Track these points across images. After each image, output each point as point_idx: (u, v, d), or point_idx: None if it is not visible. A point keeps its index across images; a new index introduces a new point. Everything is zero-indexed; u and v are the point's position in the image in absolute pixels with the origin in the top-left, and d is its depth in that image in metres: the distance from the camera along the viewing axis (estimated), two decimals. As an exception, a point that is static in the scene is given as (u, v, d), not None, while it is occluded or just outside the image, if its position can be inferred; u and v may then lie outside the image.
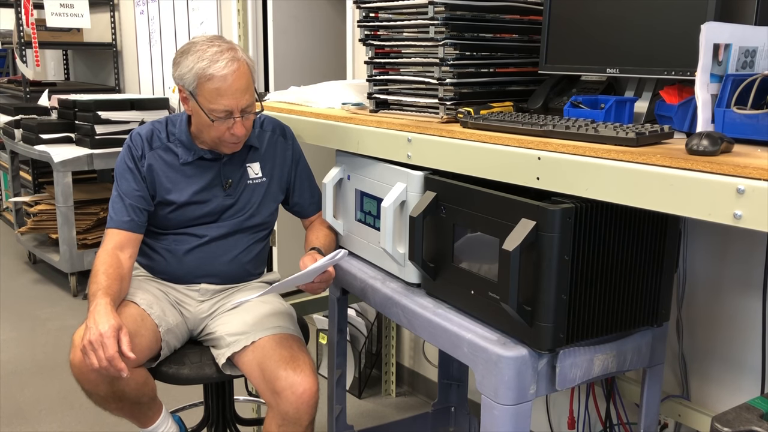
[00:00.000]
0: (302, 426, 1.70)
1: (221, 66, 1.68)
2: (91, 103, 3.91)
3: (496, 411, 1.35)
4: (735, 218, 1.02)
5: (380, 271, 1.80)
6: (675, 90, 1.42)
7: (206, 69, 1.68)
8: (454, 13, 1.61)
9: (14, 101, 5.17)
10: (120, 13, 5.03)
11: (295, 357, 1.73)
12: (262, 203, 1.93)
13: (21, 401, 2.77)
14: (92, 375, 1.59)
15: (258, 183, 1.92)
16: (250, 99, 1.74)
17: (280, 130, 1.98)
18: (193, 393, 2.19)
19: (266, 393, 1.72)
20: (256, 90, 1.81)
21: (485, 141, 1.41)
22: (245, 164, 1.90)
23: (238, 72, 1.70)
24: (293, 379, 1.68)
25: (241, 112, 1.73)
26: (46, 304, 3.87)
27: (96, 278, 1.71)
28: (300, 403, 1.67)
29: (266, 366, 1.72)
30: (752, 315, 1.64)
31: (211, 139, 1.79)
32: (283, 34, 3.55)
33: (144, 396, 1.72)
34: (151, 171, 1.84)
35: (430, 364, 2.73)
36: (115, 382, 1.61)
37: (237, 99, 1.70)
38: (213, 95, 1.69)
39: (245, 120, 1.75)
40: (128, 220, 1.80)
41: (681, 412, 1.75)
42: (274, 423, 1.71)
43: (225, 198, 1.87)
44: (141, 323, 1.72)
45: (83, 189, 4.12)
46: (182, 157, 1.84)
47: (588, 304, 1.36)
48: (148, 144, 1.85)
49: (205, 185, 1.85)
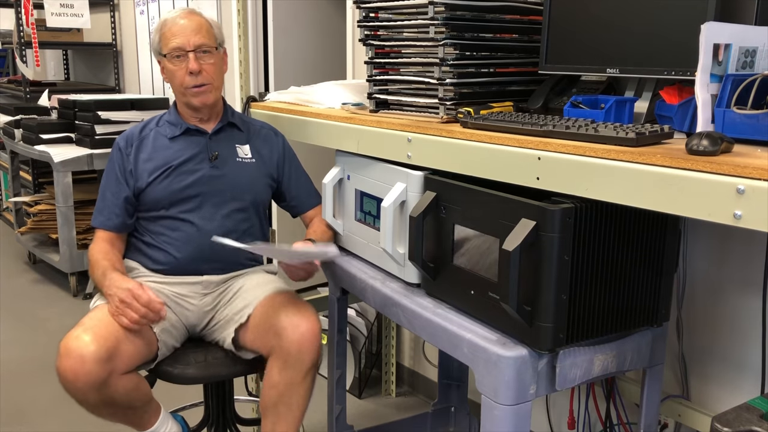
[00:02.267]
0: (304, 369, 1.72)
1: (174, 14, 1.89)
2: (91, 103, 3.91)
3: (496, 411, 1.35)
4: (735, 218, 1.02)
5: (380, 271, 1.80)
6: (675, 90, 1.42)
7: (163, 20, 1.89)
8: (454, 13, 1.61)
9: (14, 101, 5.17)
10: (120, 13, 5.03)
11: (295, 302, 1.79)
12: (252, 180, 1.96)
13: (21, 401, 2.77)
14: (78, 383, 1.58)
15: (247, 162, 1.96)
16: (205, 40, 1.85)
17: (270, 127, 2.06)
18: (193, 393, 2.19)
19: (270, 340, 1.74)
20: (220, 42, 1.91)
21: (485, 141, 1.41)
22: (234, 144, 1.96)
23: (188, 17, 1.86)
24: (294, 319, 1.71)
25: (195, 49, 1.83)
26: (46, 304, 3.87)
27: (98, 264, 1.81)
28: (302, 341, 1.69)
29: (267, 315, 1.76)
30: (752, 315, 1.64)
31: (179, 91, 1.88)
32: (283, 34, 3.55)
33: (136, 401, 1.71)
34: (138, 156, 1.90)
35: (430, 364, 2.73)
36: (104, 389, 1.60)
37: (187, 36, 1.83)
38: (168, 38, 1.85)
39: (203, 62, 1.84)
40: (107, 220, 1.90)
41: (681, 412, 1.75)
42: (275, 367, 1.73)
43: (211, 169, 1.90)
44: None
45: (83, 189, 4.12)
46: (170, 134, 1.93)
47: (588, 304, 1.36)
48: (138, 134, 1.94)
49: (192, 156, 1.90)
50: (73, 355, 1.58)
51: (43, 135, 3.97)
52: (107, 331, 1.63)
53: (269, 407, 1.77)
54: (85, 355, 1.57)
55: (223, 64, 1.93)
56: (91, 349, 1.58)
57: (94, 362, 1.57)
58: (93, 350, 1.58)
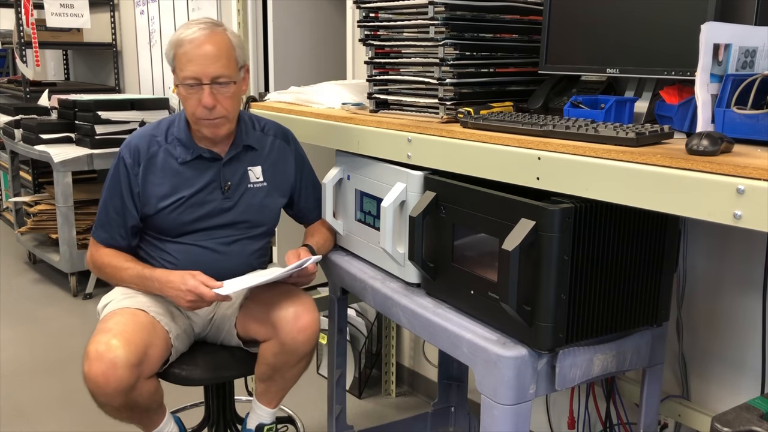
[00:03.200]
0: (299, 356, 1.72)
1: (192, 31, 1.68)
2: (91, 103, 3.91)
3: (496, 411, 1.35)
4: (735, 218, 1.02)
5: (380, 271, 1.80)
6: (675, 90, 1.42)
7: (178, 36, 1.69)
8: (454, 13, 1.61)
9: (14, 101, 5.17)
10: (120, 13, 5.02)
11: (293, 292, 1.76)
12: (262, 208, 1.89)
13: (21, 401, 2.77)
14: (108, 388, 1.58)
15: (259, 187, 1.89)
16: (223, 70, 1.69)
17: (282, 134, 1.95)
18: (193, 393, 2.19)
19: (267, 330, 1.74)
20: (242, 65, 1.76)
21: (485, 141, 1.41)
22: (246, 168, 1.87)
23: (208, 38, 1.67)
24: (291, 309, 1.70)
25: (211, 81, 1.68)
26: (46, 304, 3.87)
27: (120, 267, 1.79)
28: (297, 332, 1.69)
29: (264, 304, 1.75)
30: (752, 315, 1.64)
31: (190, 117, 1.76)
32: (283, 34, 3.55)
33: (154, 403, 1.73)
34: (146, 178, 1.80)
35: (430, 364, 2.73)
36: (130, 393, 1.61)
37: (204, 65, 1.66)
38: (183, 61, 1.68)
39: (219, 94, 1.70)
40: (111, 239, 1.84)
41: (681, 412, 1.75)
42: (269, 350, 1.74)
43: (223, 201, 1.84)
44: (153, 332, 1.70)
45: (83, 189, 4.12)
46: (180, 157, 1.80)
47: (588, 304, 1.36)
48: (146, 149, 1.80)
49: (203, 186, 1.82)
50: (104, 359, 1.57)
51: (43, 135, 3.97)
52: (136, 336, 1.64)
53: (263, 379, 1.82)
54: (117, 361, 1.57)
55: (241, 92, 1.78)
56: (122, 354, 1.58)
57: (126, 367, 1.57)
58: (124, 355, 1.58)
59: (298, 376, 1.81)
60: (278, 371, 1.77)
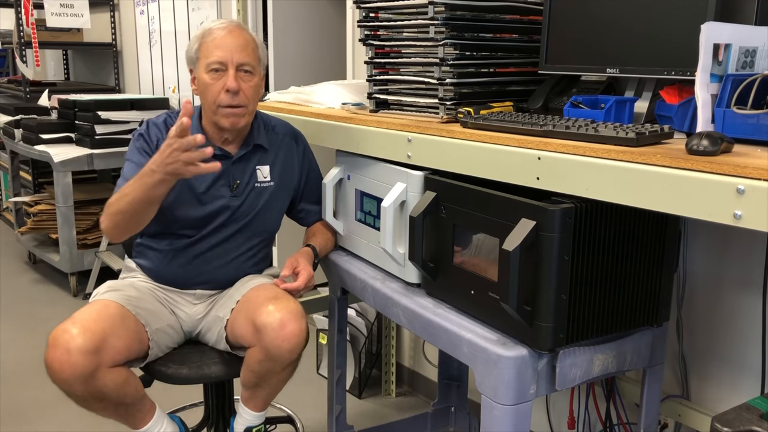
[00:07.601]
0: (282, 364, 1.68)
1: (221, 25, 1.78)
2: (91, 103, 3.91)
3: (496, 411, 1.35)
4: (735, 218, 1.02)
5: (380, 271, 1.80)
6: (675, 90, 1.43)
7: (205, 27, 1.79)
8: (454, 13, 1.61)
9: (14, 101, 5.17)
10: (120, 13, 5.03)
11: (279, 297, 1.70)
12: (267, 208, 1.90)
13: (21, 401, 2.77)
14: (64, 374, 1.57)
15: (265, 186, 1.89)
16: (249, 59, 1.76)
17: (292, 134, 1.96)
18: (193, 393, 2.19)
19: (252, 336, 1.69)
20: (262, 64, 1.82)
21: (485, 141, 1.41)
22: (255, 166, 1.88)
23: (236, 31, 1.77)
24: (275, 315, 1.64)
25: (237, 67, 1.74)
26: (46, 304, 3.87)
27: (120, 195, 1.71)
28: (281, 340, 1.63)
29: (250, 308, 1.71)
30: (752, 315, 1.64)
31: (210, 106, 1.77)
32: (283, 34, 3.55)
33: (126, 396, 1.69)
34: None
35: (430, 364, 2.73)
36: (90, 381, 1.59)
37: (232, 51, 1.74)
38: (210, 48, 1.75)
39: (243, 81, 1.75)
40: None
41: (681, 412, 1.75)
42: (254, 357, 1.70)
43: (231, 199, 1.84)
44: (120, 323, 1.68)
45: (83, 189, 4.12)
46: None
47: (588, 304, 1.36)
48: (165, 129, 1.81)
49: (214, 181, 1.83)
50: (59, 346, 1.57)
51: (43, 135, 3.97)
52: (95, 324, 1.62)
53: (248, 386, 1.79)
54: (71, 347, 1.56)
55: (261, 89, 1.83)
56: (78, 341, 1.57)
57: (80, 354, 1.56)
58: (79, 342, 1.57)
59: (284, 383, 1.78)
60: (263, 378, 1.74)
